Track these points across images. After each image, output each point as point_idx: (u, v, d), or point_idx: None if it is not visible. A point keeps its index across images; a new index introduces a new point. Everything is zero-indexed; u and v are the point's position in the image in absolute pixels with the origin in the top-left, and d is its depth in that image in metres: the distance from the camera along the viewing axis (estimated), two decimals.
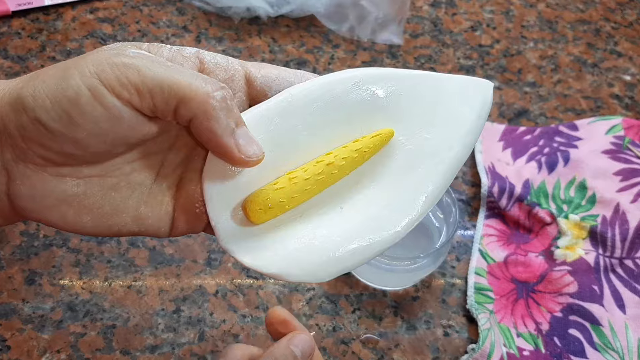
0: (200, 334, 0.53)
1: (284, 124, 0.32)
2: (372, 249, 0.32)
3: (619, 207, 0.59)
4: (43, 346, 0.51)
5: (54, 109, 0.27)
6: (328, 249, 0.32)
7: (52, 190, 0.29)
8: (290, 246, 0.32)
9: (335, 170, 0.32)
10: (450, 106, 0.34)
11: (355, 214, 0.33)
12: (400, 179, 0.33)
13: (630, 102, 0.73)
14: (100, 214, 0.31)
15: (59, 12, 0.77)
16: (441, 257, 0.55)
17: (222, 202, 0.31)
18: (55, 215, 0.30)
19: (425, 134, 0.34)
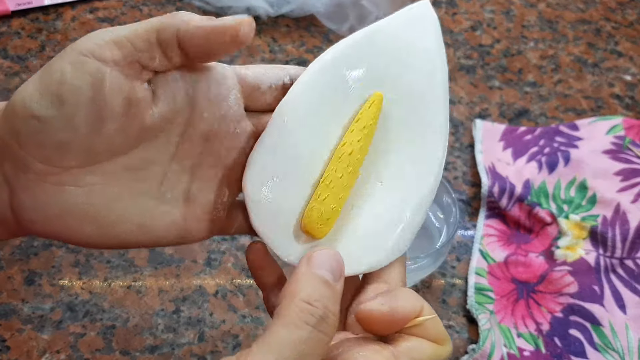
0: (200, 335, 0.53)
1: (289, 141, 0.33)
2: (423, 207, 0.34)
3: (620, 207, 0.59)
4: (43, 346, 0.51)
5: (44, 97, 0.27)
6: (394, 223, 0.33)
7: (55, 200, 0.29)
8: (358, 235, 0.33)
9: (357, 155, 0.33)
10: (411, 46, 0.35)
11: (393, 181, 0.34)
12: (410, 133, 0.35)
13: (630, 102, 0.73)
14: (105, 223, 0.30)
15: (58, 11, 0.76)
16: (441, 258, 0.55)
17: (271, 226, 0.32)
18: (59, 227, 0.30)
19: (406, 81, 0.35)
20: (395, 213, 0.34)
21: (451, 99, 0.72)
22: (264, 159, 0.32)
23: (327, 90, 0.34)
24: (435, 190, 0.35)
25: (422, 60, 0.35)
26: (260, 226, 0.32)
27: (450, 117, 0.70)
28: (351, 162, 0.33)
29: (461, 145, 0.67)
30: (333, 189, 0.33)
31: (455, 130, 0.69)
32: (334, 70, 0.34)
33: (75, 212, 0.30)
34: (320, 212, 0.32)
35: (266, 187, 0.32)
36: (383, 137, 0.35)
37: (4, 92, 0.68)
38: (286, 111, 0.33)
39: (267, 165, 0.32)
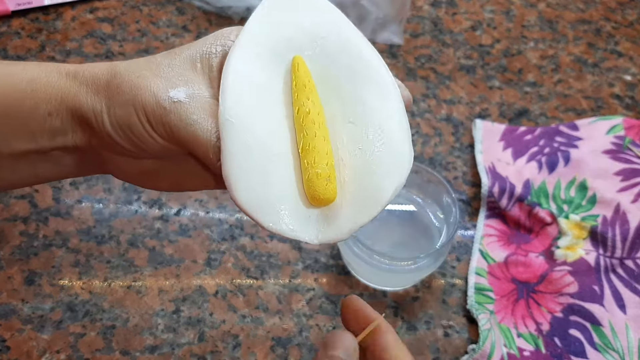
0: (200, 335, 0.53)
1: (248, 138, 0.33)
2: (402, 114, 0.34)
3: (620, 207, 0.59)
4: (43, 346, 0.51)
5: (121, 130, 0.34)
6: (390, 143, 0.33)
7: (134, 168, 0.36)
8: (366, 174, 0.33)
9: (316, 109, 0.34)
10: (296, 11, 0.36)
11: (362, 115, 0.34)
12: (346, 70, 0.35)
13: (630, 102, 0.73)
14: (176, 180, 0.37)
15: (58, 11, 0.76)
16: (441, 258, 0.55)
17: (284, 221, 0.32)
18: (136, 181, 0.38)
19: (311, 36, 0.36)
20: (384, 136, 0.33)
21: (451, 99, 0.72)
22: (239, 168, 0.32)
23: (251, 77, 0.34)
24: (401, 98, 0.34)
25: (313, 15, 0.36)
26: (275, 227, 0.32)
27: (450, 117, 0.70)
28: (314, 119, 0.33)
29: (461, 145, 0.67)
30: (315, 149, 0.33)
31: (455, 130, 0.69)
32: (247, 56, 0.35)
33: (151, 174, 0.37)
34: (317, 175, 0.32)
35: (257, 193, 0.32)
36: (325, 87, 0.35)
37: None
38: (228, 112, 0.33)
39: (245, 173, 0.32)
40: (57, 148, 0.36)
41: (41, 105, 0.34)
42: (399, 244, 0.57)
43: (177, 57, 0.35)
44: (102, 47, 0.73)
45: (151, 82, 0.34)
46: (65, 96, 0.35)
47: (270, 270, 0.57)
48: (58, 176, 0.38)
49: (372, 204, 0.32)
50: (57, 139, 0.35)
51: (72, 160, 0.37)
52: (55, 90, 0.35)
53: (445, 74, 0.74)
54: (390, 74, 0.35)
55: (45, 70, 0.35)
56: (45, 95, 0.34)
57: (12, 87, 0.34)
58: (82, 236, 0.58)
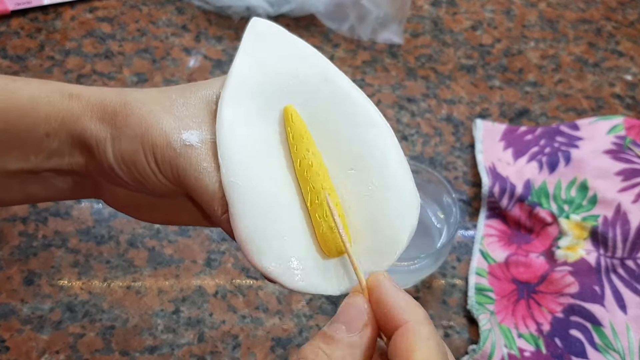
0: (199, 335, 0.53)
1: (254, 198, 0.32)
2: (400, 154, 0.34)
3: (620, 208, 0.59)
4: (42, 347, 0.51)
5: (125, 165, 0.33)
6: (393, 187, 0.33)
7: (129, 199, 0.36)
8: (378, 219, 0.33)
9: (318, 161, 0.33)
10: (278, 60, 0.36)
11: (361, 160, 0.34)
12: (339, 115, 0.35)
13: (631, 102, 0.73)
14: (170, 213, 0.37)
15: (58, 11, 0.76)
16: (442, 258, 0.55)
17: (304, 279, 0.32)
18: (131, 212, 0.37)
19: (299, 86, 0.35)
20: (388, 180, 0.33)
21: (451, 99, 0.72)
22: (251, 230, 0.32)
23: (247, 131, 0.34)
24: (394, 137, 0.34)
25: (296, 60, 0.36)
26: (298, 286, 0.32)
27: (451, 117, 0.70)
28: (318, 171, 0.33)
29: (461, 145, 0.67)
30: (323, 202, 0.32)
31: (456, 130, 0.69)
32: (239, 108, 0.34)
33: (146, 205, 0.36)
34: (331, 229, 0.32)
35: (274, 253, 0.32)
36: (320, 134, 0.35)
37: None
38: (231, 173, 0.32)
39: (258, 235, 0.32)
40: (52, 169, 0.35)
41: (40, 125, 0.33)
42: None
43: (193, 96, 0.34)
44: (102, 46, 0.73)
45: (163, 119, 0.32)
46: (67, 118, 0.33)
47: None
48: (49, 198, 0.37)
49: (388, 251, 0.32)
50: (53, 160, 0.34)
51: (66, 183, 0.36)
52: (55, 111, 0.33)
53: (445, 74, 0.74)
54: (378, 112, 0.35)
55: (48, 89, 0.34)
56: (44, 115, 0.33)
57: (12, 103, 0.33)
58: (82, 236, 0.58)
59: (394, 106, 0.70)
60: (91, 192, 0.37)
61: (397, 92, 0.72)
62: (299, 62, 0.36)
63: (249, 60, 0.36)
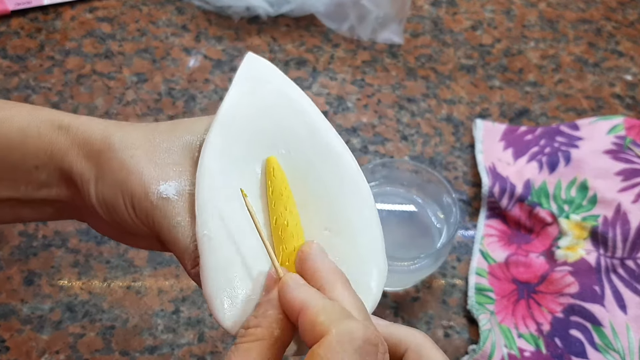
0: (199, 335, 0.53)
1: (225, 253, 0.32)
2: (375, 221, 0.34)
3: (620, 208, 0.59)
4: (42, 347, 0.51)
5: (105, 207, 0.34)
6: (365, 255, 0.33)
7: (112, 230, 0.37)
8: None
9: (293, 221, 0.33)
10: (266, 102, 0.36)
11: (336, 221, 0.34)
12: (316, 170, 0.34)
13: (631, 102, 0.73)
14: (153, 244, 0.37)
15: (58, 11, 0.76)
16: (442, 258, 0.55)
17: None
18: (117, 238, 0.38)
19: (284, 132, 0.35)
20: (358, 249, 0.33)
21: (451, 99, 0.72)
22: (218, 287, 0.32)
23: (226, 182, 0.33)
24: (373, 200, 0.34)
25: (287, 104, 0.36)
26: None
27: (451, 117, 0.70)
28: (292, 231, 0.33)
29: (461, 145, 0.67)
30: (294, 264, 0.32)
31: (456, 130, 0.69)
32: (220, 158, 0.34)
33: (131, 236, 0.37)
34: None
35: (240, 311, 0.31)
36: (300, 188, 0.34)
37: (3, 91, 0.68)
38: (205, 226, 0.32)
39: (225, 291, 0.32)
40: (40, 199, 0.35)
41: (29, 158, 0.34)
42: (399, 244, 0.57)
43: (177, 142, 0.34)
44: (102, 46, 0.73)
45: (144, 168, 0.32)
46: (56, 152, 0.34)
47: None
48: (40, 219, 0.39)
49: None
50: (42, 191, 0.35)
51: (54, 209, 0.37)
52: (44, 144, 0.34)
53: (445, 74, 0.74)
54: (359, 169, 0.35)
55: (38, 119, 0.34)
56: (34, 148, 0.34)
57: (2, 136, 0.34)
58: (82, 236, 0.58)
59: (394, 106, 0.70)
60: (79, 218, 0.38)
61: (397, 92, 0.72)
62: (287, 108, 0.36)
63: (237, 101, 0.35)
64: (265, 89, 0.36)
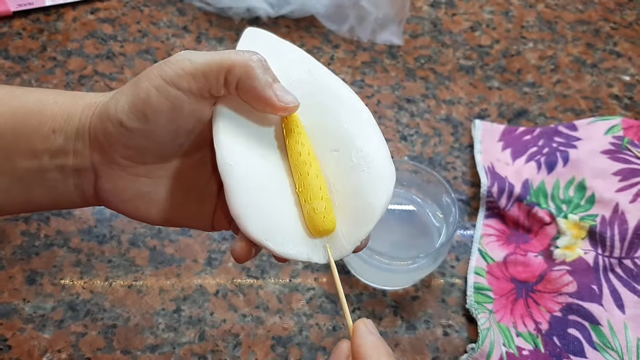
0: (200, 334, 0.53)
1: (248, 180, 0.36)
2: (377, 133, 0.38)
3: (618, 207, 0.59)
4: (44, 346, 0.51)
5: (131, 111, 0.34)
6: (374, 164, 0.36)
7: (130, 186, 0.36)
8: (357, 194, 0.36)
9: (307, 150, 0.37)
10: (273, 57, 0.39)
11: (343, 141, 0.37)
12: (323, 108, 0.39)
13: (629, 103, 0.74)
14: (164, 208, 0.37)
15: (59, 12, 0.77)
16: (441, 257, 0.55)
17: (292, 249, 0.35)
18: (129, 207, 0.37)
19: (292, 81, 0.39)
20: (366, 157, 0.37)
21: (450, 99, 0.72)
22: (244, 205, 0.35)
23: (243, 127, 0.37)
24: (374, 120, 0.38)
25: (287, 57, 0.40)
26: (290, 253, 0.35)
27: (450, 118, 0.70)
28: (305, 159, 0.37)
29: (460, 146, 0.68)
30: (310, 187, 0.36)
31: (455, 131, 0.69)
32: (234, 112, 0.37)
33: (144, 197, 0.37)
34: (314, 210, 0.35)
35: (265, 225, 0.35)
36: (309, 122, 0.38)
37: None
38: (227, 157, 0.35)
39: (251, 209, 0.35)
40: (56, 168, 0.36)
41: (46, 122, 0.35)
42: (399, 243, 0.57)
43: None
44: (103, 47, 0.73)
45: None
46: (72, 114, 0.36)
47: (271, 269, 0.57)
48: (51, 203, 0.38)
49: (366, 220, 0.35)
50: (58, 159, 0.36)
51: (66, 186, 0.37)
52: (61, 109, 0.36)
53: (444, 75, 0.74)
54: (359, 99, 0.39)
55: (54, 92, 0.37)
56: (50, 113, 0.36)
57: (20, 104, 0.36)
58: (83, 236, 0.58)
59: (394, 106, 0.71)
60: (91, 192, 0.38)
61: (397, 92, 0.72)
62: (289, 61, 0.40)
63: None
64: (267, 48, 0.40)
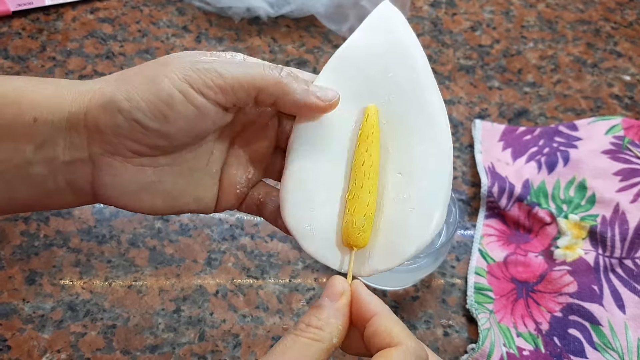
0: (200, 334, 0.53)
1: (309, 173, 0.37)
2: (447, 175, 0.37)
3: (619, 207, 0.59)
4: (43, 346, 0.51)
5: (150, 111, 0.32)
6: (427, 203, 0.36)
7: (134, 178, 0.35)
8: (398, 225, 0.36)
9: (370, 162, 0.36)
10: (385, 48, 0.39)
11: (410, 167, 0.37)
12: (411, 122, 0.37)
13: (630, 102, 0.73)
14: (170, 197, 0.36)
15: (59, 12, 0.77)
16: (441, 257, 0.55)
17: (320, 247, 0.36)
18: (132, 201, 0.35)
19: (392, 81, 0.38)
20: (422, 198, 0.36)
21: (451, 99, 0.72)
22: (295, 194, 0.37)
23: (326, 117, 0.37)
24: (452, 162, 0.37)
25: (400, 57, 0.38)
26: (311, 250, 0.36)
27: (450, 117, 0.70)
28: (366, 171, 0.36)
29: (461, 145, 0.68)
30: (359, 199, 0.36)
31: (455, 130, 0.69)
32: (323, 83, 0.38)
33: (149, 188, 0.35)
34: (353, 224, 0.36)
35: (305, 219, 0.36)
36: (389, 135, 0.38)
37: None
38: (296, 146, 0.37)
39: (299, 200, 0.36)
40: (43, 162, 0.33)
41: (25, 111, 0.33)
42: None
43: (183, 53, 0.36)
44: (103, 47, 0.73)
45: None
46: (59, 104, 0.33)
47: (271, 269, 0.57)
48: (38, 202, 0.35)
49: (393, 258, 0.36)
50: (43, 151, 0.33)
51: (55, 182, 0.34)
52: (43, 97, 0.33)
53: (445, 74, 0.74)
54: (448, 126, 0.37)
55: (34, 80, 0.34)
56: (30, 102, 0.33)
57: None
58: (83, 236, 0.58)
59: None
60: (87, 187, 0.35)
61: None
62: (398, 61, 0.38)
63: (352, 48, 0.39)
64: (384, 38, 0.39)
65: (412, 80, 0.38)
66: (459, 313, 0.56)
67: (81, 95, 0.34)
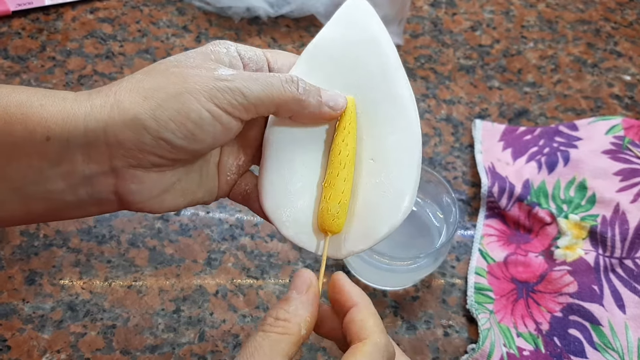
0: (200, 334, 0.53)
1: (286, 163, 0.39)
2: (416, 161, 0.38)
3: (619, 207, 0.59)
4: (43, 346, 0.51)
5: (180, 130, 0.33)
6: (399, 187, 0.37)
7: (157, 183, 0.35)
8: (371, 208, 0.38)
9: (346, 152, 0.38)
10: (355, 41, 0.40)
11: (382, 153, 0.38)
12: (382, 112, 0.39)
13: (630, 102, 0.73)
14: (188, 193, 0.38)
15: (59, 12, 0.77)
16: (441, 257, 0.55)
17: (298, 232, 0.38)
18: (158, 203, 0.36)
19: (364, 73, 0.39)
20: (393, 183, 0.38)
21: (451, 99, 0.72)
22: (273, 183, 0.38)
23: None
24: (420, 150, 0.38)
25: (371, 48, 0.40)
26: (290, 234, 0.38)
27: (450, 117, 0.70)
28: (342, 160, 0.38)
29: (461, 145, 0.68)
30: (334, 187, 0.37)
31: (455, 130, 0.69)
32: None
33: (170, 189, 0.36)
34: (328, 210, 0.37)
35: (283, 206, 0.38)
36: (364, 125, 0.39)
37: None
38: (273, 138, 0.38)
39: (277, 190, 0.38)
40: (60, 177, 0.33)
41: (35, 130, 0.31)
42: (399, 243, 0.57)
43: (193, 52, 0.36)
44: (103, 47, 0.73)
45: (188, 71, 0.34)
46: (75, 116, 0.32)
47: (271, 270, 0.57)
48: (55, 214, 0.35)
49: (367, 239, 0.37)
50: (60, 167, 0.32)
51: (75, 195, 0.34)
52: (51, 114, 0.32)
53: (445, 74, 0.74)
54: (417, 116, 0.39)
55: (39, 93, 0.32)
56: (38, 119, 0.32)
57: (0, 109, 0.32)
58: (83, 236, 0.58)
59: None
60: (112, 197, 0.35)
61: None
62: (369, 54, 0.40)
63: (323, 43, 0.40)
64: (355, 30, 0.40)
65: (384, 72, 0.39)
66: (459, 313, 0.56)
67: (95, 109, 0.32)
